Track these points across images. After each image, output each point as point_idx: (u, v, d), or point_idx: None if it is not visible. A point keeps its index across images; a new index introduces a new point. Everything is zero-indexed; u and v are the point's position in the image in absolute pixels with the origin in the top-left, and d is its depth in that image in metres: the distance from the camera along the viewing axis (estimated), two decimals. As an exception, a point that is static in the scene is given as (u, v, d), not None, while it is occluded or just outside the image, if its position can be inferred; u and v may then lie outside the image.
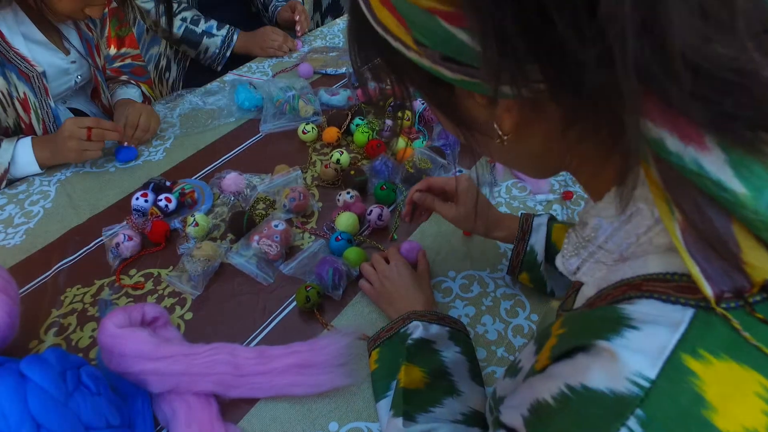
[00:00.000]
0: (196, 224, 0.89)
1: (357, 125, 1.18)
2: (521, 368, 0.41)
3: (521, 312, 0.81)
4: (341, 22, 1.80)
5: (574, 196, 1.04)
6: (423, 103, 1.25)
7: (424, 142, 1.10)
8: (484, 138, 0.38)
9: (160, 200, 0.93)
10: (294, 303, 0.82)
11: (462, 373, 0.66)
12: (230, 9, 1.64)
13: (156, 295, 0.82)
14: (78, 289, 0.83)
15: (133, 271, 0.86)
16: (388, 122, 1.19)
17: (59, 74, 1.10)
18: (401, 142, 1.14)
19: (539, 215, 0.81)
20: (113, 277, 0.84)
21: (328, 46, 1.61)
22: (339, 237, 0.89)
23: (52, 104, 1.07)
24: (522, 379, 0.38)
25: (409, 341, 0.67)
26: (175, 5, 1.46)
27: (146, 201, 0.93)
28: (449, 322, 0.71)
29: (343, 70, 1.46)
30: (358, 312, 0.81)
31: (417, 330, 0.68)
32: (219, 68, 1.55)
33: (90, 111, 1.24)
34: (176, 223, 0.92)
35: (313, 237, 0.95)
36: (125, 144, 1.10)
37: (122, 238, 0.85)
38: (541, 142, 0.37)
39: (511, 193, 1.06)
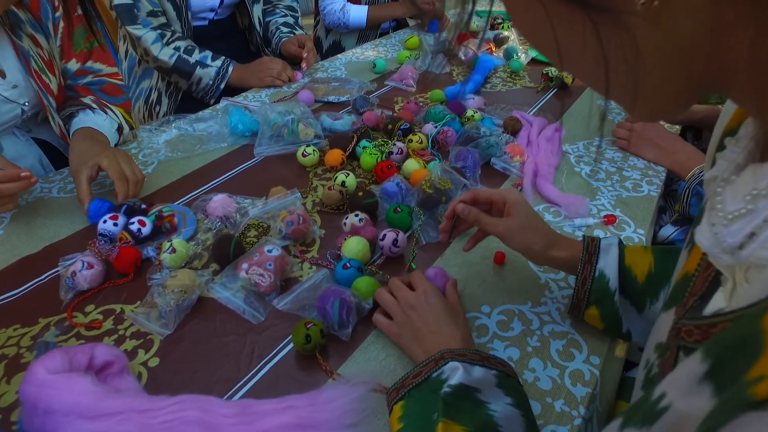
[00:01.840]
0: (173, 250, 0.73)
1: (364, 147, 1.05)
2: (669, 408, 0.25)
3: (577, 354, 0.64)
4: (342, 57, 1.73)
5: (617, 221, 0.90)
6: (435, 126, 1.13)
7: (438, 169, 0.96)
8: (611, 23, 0.24)
9: (132, 223, 0.77)
10: (290, 345, 0.64)
11: (518, 435, 0.48)
12: (227, 45, 1.57)
13: (115, 336, 0.65)
14: (14, 329, 0.65)
15: (90, 307, 0.69)
16: (399, 144, 1.06)
17: None
18: (414, 164, 1.00)
19: (606, 237, 0.66)
20: (64, 315, 0.67)
21: (330, 77, 1.52)
22: (347, 264, 0.73)
23: None
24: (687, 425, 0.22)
25: (446, 389, 0.50)
26: (168, 34, 1.38)
27: (115, 224, 0.78)
28: (496, 364, 0.53)
29: (346, 98, 1.36)
30: (371, 356, 0.64)
31: (455, 373, 0.51)
32: (212, 101, 1.45)
33: (58, 142, 1.08)
34: (149, 251, 0.76)
35: (314, 267, 0.79)
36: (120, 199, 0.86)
37: (80, 265, 0.69)
38: (692, 21, 0.23)
39: (544, 218, 0.91)
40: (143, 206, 0.83)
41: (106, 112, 1.05)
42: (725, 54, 0.24)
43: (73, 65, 1.05)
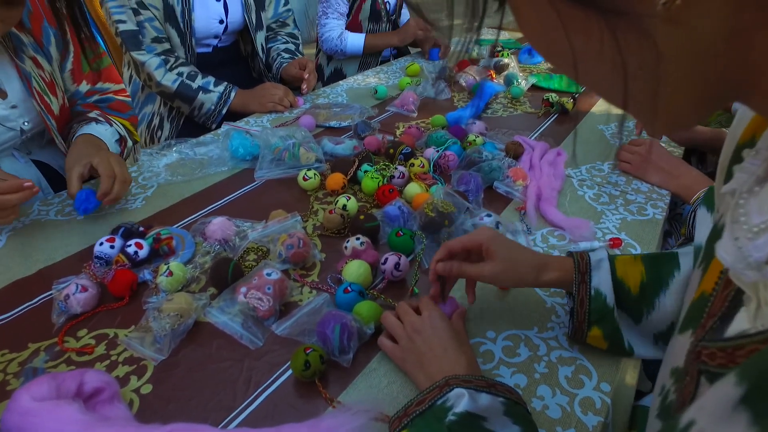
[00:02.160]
0: (170, 273, 0.72)
1: (365, 171, 1.04)
2: None
3: (587, 381, 0.62)
4: (344, 83, 1.74)
5: (623, 244, 0.88)
6: (437, 151, 1.13)
7: (441, 192, 0.95)
8: (630, 27, 0.23)
9: (129, 245, 0.76)
10: (289, 371, 0.62)
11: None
12: (230, 72, 1.58)
13: (107, 361, 0.62)
14: (2, 355, 0.63)
15: (82, 332, 0.66)
16: (401, 168, 1.05)
17: None
18: (416, 188, 1.00)
19: (592, 251, 0.65)
20: (55, 339, 0.65)
21: (331, 103, 1.52)
22: (348, 288, 0.71)
23: None
24: None
25: (451, 417, 0.47)
26: (172, 59, 1.39)
27: (112, 247, 0.76)
28: (503, 391, 0.51)
29: (348, 123, 1.36)
30: (373, 383, 0.61)
31: (461, 400, 0.48)
32: (213, 126, 1.45)
33: (58, 164, 1.08)
34: (146, 275, 0.74)
35: (314, 292, 0.77)
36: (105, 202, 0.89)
37: (74, 288, 0.67)
38: (713, 22, 0.22)
39: (549, 242, 0.89)
40: (141, 229, 0.82)
41: (111, 124, 1.06)
42: (747, 57, 0.23)
43: (84, 87, 1.08)
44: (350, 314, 0.66)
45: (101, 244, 0.76)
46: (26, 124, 0.97)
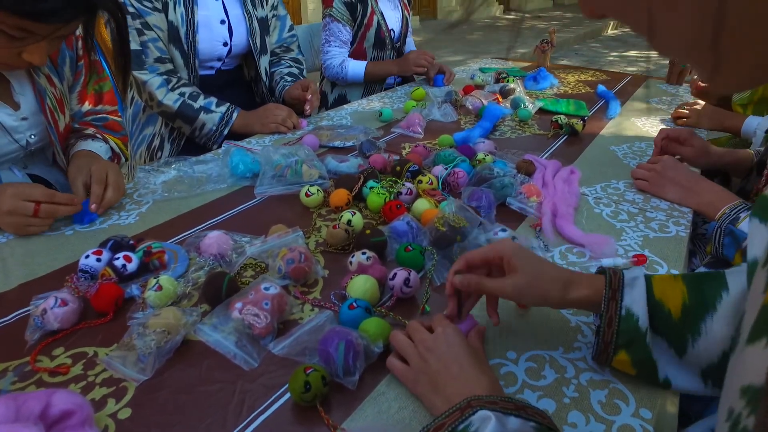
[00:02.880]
0: (159, 288, 0.66)
1: (371, 188, 0.99)
2: None
3: (624, 406, 0.55)
4: (348, 107, 1.72)
5: (648, 261, 0.82)
6: (446, 168, 1.09)
7: (452, 205, 0.90)
8: None
9: (117, 258, 0.70)
10: (287, 394, 0.55)
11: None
12: (233, 95, 1.56)
13: (83, 383, 0.56)
14: (-34, 374, 0.56)
15: (59, 350, 0.60)
16: (408, 185, 1.00)
17: (1, 133, 0.92)
18: (425, 203, 0.94)
19: (629, 268, 0.59)
20: (26, 358, 0.58)
21: (336, 125, 1.49)
22: (354, 304, 0.65)
23: None
24: None
25: (476, 444, 0.40)
26: (174, 80, 1.37)
27: (99, 260, 0.70)
28: (533, 415, 0.44)
29: (352, 143, 1.32)
30: (382, 408, 0.54)
31: (487, 425, 0.41)
32: (215, 147, 1.42)
33: (53, 179, 1.06)
34: (133, 289, 0.68)
35: (316, 309, 0.70)
36: (92, 208, 0.90)
37: (52, 302, 0.61)
38: None
39: (568, 259, 0.83)
40: (131, 242, 0.77)
41: (107, 141, 1.09)
42: None
43: (86, 107, 1.11)
44: (356, 331, 0.60)
45: (87, 256, 0.71)
46: (32, 137, 0.98)
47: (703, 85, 1.73)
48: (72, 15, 0.76)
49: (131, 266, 0.70)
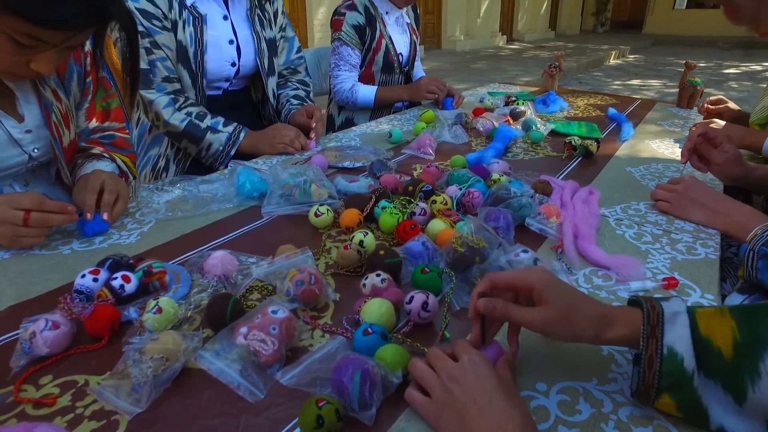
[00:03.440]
0: (159, 310, 0.61)
1: (383, 208, 0.95)
2: None
3: (672, 447, 0.49)
4: (356, 129, 1.70)
5: (680, 285, 0.77)
6: (460, 188, 1.05)
7: (471, 224, 0.85)
8: None
9: (115, 278, 0.65)
10: (296, 430, 0.50)
11: None
12: (239, 116, 1.53)
13: (71, 415, 0.50)
14: (-57, 406, 0.51)
15: (46, 378, 0.55)
16: (422, 205, 0.96)
17: (4, 145, 0.90)
18: (440, 224, 0.90)
19: (667, 299, 0.54)
20: (10, 388, 0.53)
21: (344, 146, 1.46)
22: (369, 330, 0.60)
23: None
24: None
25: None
26: (181, 99, 1.35)
27: (95, 280, 0.66)
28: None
29: (362, 163, 1.29)
30: (402, 446, 0.49)
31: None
32: (221, 168, 1.39)
33: (56, 197, 1.03)
34: (131, 312, 0.64)
35: (327, 336, 0.65)
36: (87, 216, 0.88)
37: (43, 325, 0.56)
38: None
39: (593, 283, 0.78)
40: (130, 261, 0.72)
41: (113, 160, 1.07)
42: None
43: (93, 124, 1.09)
44: (372, 360, 0.55)
45: (83, 276, 0.66)
46: (35, 151, 0.96)
47: (713, 108, 1.70)
48: (84, 24, 0.74)
49: (130, 287, 0.66)
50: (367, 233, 0.85)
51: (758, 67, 9.47)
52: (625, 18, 19.29)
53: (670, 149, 1.48)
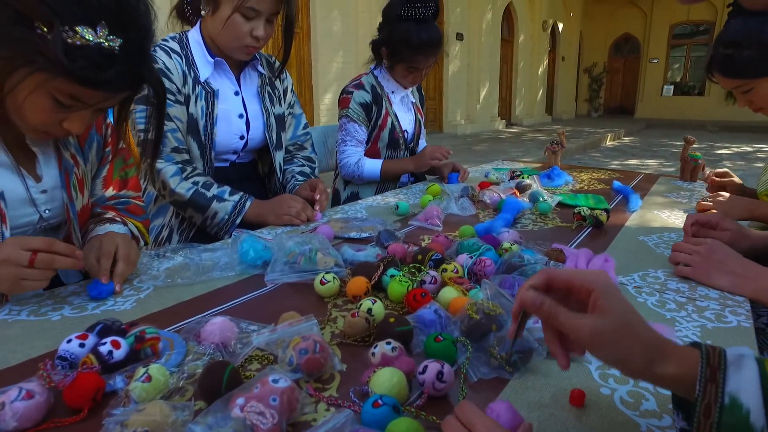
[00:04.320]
0: (148, 378, 0.55)
1: (392, 276, 0.91)
2: None
3: None
4: (363, 202, 1.69)
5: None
6: (471, 257, 1.01)
7: (487, 290, 0.81)
8: None
9: (104, 343, 0.60)
10: None
11: None
12: (246, 189, 1.53)
13: (37, 500, 0.43)
14: None
15: (12, 458, 0.48)
16: (432, 273, 0.92)
17: (20, 203, 0.90)
18: (452, 291, 0.85)
19: (732, 347, 0.48)
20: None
21: (351, 217, 1.45)
22: (379, 401, 0.54)
23: (7, 233, 0.84)
24: None
25: None
26: (189, 169, 1.36)
27: (82, 345, 0.61)
28: None
29: (369, 233, 1.26)
30: None
31: None
32: (225, 237, 1.36)
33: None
34: (118, 382, 0.58)
35: (332, 409, 0.59)
36: (102, 279, 0.86)
37: (15, 394, 0.51)
38: None
39: (621, 354, 0.72)
40: (123, 326, 0.67)
41: (125, 224, 1.06)
42: None
43: (110, 192, 1.10)
44: (384, 435, 0.48)
45: (69, 341, 0.61)
46: (47, 212, 0.95)
47: (718, 180, 1.70)
48: (122, 86, 0.76)
49: (119, 353, 0.60)
50: (375, 301, 0.80)
51: (749, 148, 9.75)
52: (617, 104, 20.26)
53: (680, 219, 1.46)
